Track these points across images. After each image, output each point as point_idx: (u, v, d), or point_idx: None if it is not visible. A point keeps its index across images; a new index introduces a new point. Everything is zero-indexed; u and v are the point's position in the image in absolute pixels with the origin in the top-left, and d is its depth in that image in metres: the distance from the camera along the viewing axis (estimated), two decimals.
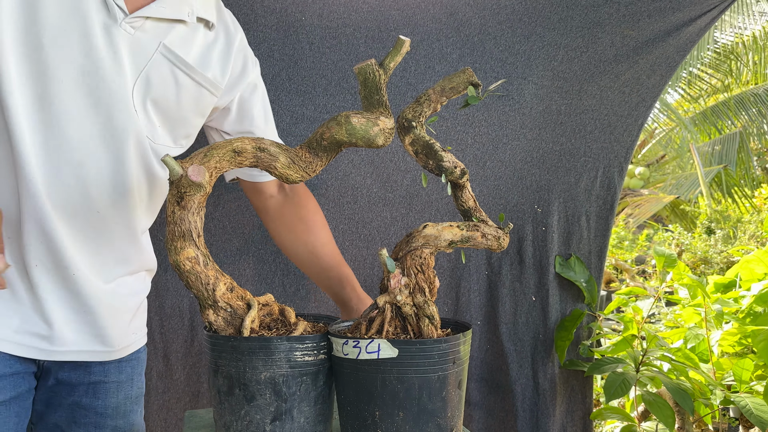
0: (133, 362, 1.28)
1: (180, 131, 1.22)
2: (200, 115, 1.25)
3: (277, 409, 1.00)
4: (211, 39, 1.23)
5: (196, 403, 1.82)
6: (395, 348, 0.97)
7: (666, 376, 1.88)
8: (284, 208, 1.41)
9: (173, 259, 1.00)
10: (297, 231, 1.41)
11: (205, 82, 1.20)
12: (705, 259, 6.92)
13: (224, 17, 1.28)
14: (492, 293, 1.92)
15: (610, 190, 1.95)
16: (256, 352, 0.99)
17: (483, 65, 1.82)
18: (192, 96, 1.19)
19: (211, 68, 1.21)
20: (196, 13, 1.18)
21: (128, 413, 1.27)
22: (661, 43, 1.86)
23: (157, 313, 1.76)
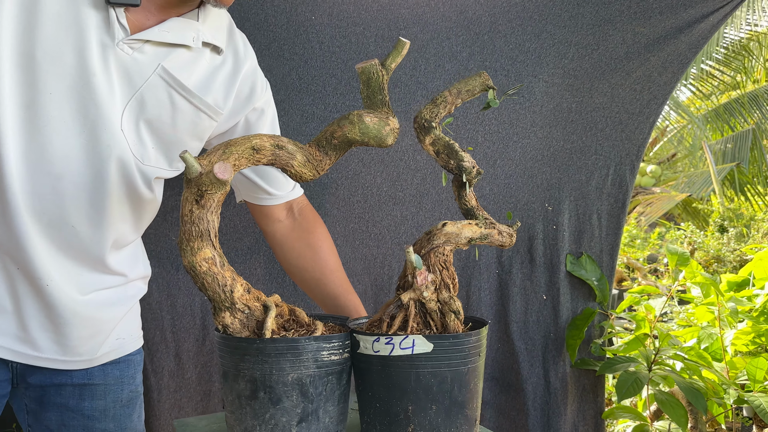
0: (122, 365, 1.27)
1: (176, 154, 1.19)
2: (197, 139, 1.23)
3: (303, 411, 0.99)
4: (218, 63, 1.21)
5: (208, 402, 1.82)
6: (430, 343, 1.00)
7: (679, 375, 1.86)
8: (292, 233, 1.39)
9: (188, 260, 0.98)
10: (305, 257, 1.39)
11: (203, 107, 1.18)
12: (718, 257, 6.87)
13: (235, 42, 1.26)
14: (503, 292, 1.92)
15: (621, 188, 1.94)
16: (284, 353, 0.97)
17: (493, 63, 1.81)
18: (189, 119, 1.17)
19: (213, 93, 1.19)
20: (202, 38, 1.16)
21: (119, 417, 1.26)
22: (673, 40, 1.85)
23: (169, 312, 1.76)
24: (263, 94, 1.31)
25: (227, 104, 1.22)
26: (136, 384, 1.31)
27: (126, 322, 1.27)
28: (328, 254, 1.40)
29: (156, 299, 1.74)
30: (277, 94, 1.74)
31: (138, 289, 1.29)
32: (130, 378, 1.28)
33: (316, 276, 1.39)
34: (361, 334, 1.03)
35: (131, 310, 1.29)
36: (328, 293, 1.39)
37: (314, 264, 1.39)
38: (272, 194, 1.35)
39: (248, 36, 1.69)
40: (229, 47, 1.24)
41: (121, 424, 1.26)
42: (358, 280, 1.86)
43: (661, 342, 1.93)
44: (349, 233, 1.83)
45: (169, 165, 1.20)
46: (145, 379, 1.77)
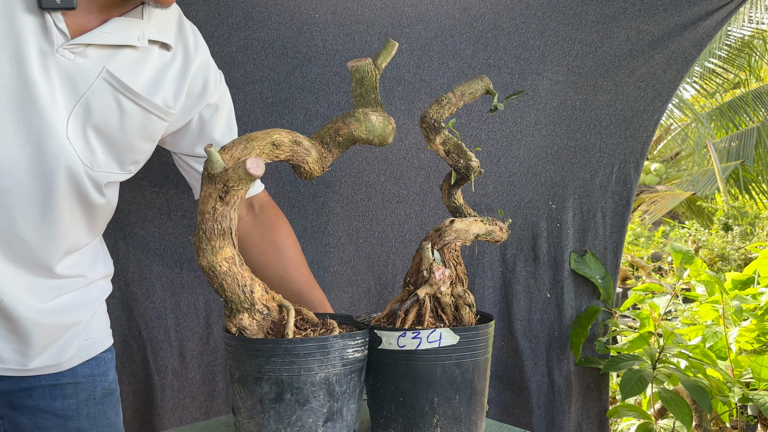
0: (92, 362, 1.25)
1: (127, 157, 1.17)
2: (149, 141, 1.20)
3: (329, 410, 0.98)
4: (167, 60, 1.17)
5: (211, 403, 1.82)
6: (456, 335, 1.04)
7: (683, 374, 1.86)
8: (254, 230, 1.36)
9: (208, 260, 0.94)
10: (268, 254, 1.35)
11: (152, 108, 1.14)
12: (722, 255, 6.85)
13: (185, 36, 1.21)
14: (506, 290, 1.92)
15: (626, 185, 1.93)
16: (313, 353, 0.95)
17: (497, 61, 1.81)
18: (138, 122, 1.14)
19: (162, 93, 1.15)
20: (148, 36, 1.12)
21: (94, 415, 1.25)
22: (677, 38, 1.84)
23: (172, 310, 1.76)
24: (216, 89, 1.27)
25: (178, 102, 1.19)
26: (108, 381, 1.29)
27: (94, 323, 1.25)
28: (291, 250, 1.36)
29: (160, 298, 1.75)
30: (281, 92, 1.74)
31: (102, 289, 1.28)
32: (101, 375, 1.27)
33: (279, 273, 1.34)
34: (385, 330, 1.04)
35: (99, 310, 1.27)
36: (292, 290, 1.34)
37: (277, 260, 1.35)
38: None
39: (252, 34, 1.69)
40: (179, 43, 1.19)
41: (96, 422, 1.25)
42: (362, 278, 1.86)
43: (666, 340, 1.92)
44: (353, 231, 1.83)
45: (121, 168, 1.17)
46: (148, 378, 1.77)
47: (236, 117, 1.71)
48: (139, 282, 1.74)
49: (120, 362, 1.77)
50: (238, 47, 1.69)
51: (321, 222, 1.82)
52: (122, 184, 1.40)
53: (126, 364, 1.78)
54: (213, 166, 0.90)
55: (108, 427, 1.27)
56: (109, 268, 1.31)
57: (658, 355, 1.87)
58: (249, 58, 1.70)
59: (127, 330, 1.77)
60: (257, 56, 1.70)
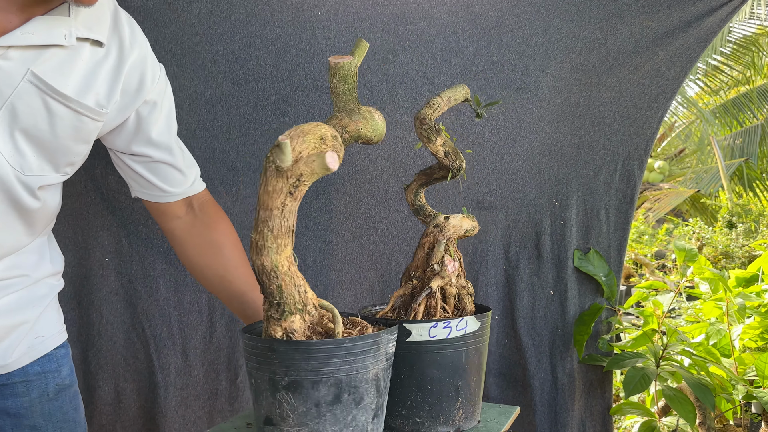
0: (42, 360, 1.24)
1: (61, 160, 1.13)
2: (83, 143, 1.15)
3: (376, 406, 0.98)
4: (99, 57, 1.12)
5: (215, 402, 1.83)
6: (478, 321, 1.14)
7: (687, 371, 1.86)
8: (193, 230, 1.32)
9: (272, 259, 0.90)
10: (207, 254, 1.32)
11: (83, 110, 1.10)
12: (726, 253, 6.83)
13: (120, 31, 1.16)
14: (510, 287, 1.91)
15: (629, 183, 1.93)
16: (368, 349, 0.95)
17: (500, 58, 1.80)
18: (69, 125, 1.09)
19: (94, 92, 1.11)
20: (76, 34, 1.06)
21: (48, 411, 1.24)
22: (682, 34, 1.83)
23: (176, 308, 1.77)
24: (154, 85, 1.22)
25: (112, 101, 1.14)
26: (62, 377, 1.27)
27: (43, 321, 1.24)
28: (231, 250, 1.33)
29: (163, 295, 1.75)
30: (283, 90, 1.74)
31: (50, 287, 1.26)
32: (53, 372, 1.25)
33: (220, 273, 1.32)
34: (415, 323, 1.10)
35: (48, 308, 1.25)
36: (233, 290, 1.32)
37: (217, 260, 1.31)
38: (168, 191, 1.29)
39: (254, 32, 1.69)
40: (113, 38, 1.14)
41: (51, 418, 1.24)
42: (365, 275, 1.86)
43: (669, 338, 1.92)
44: (356, 229, 1.83)
45: (56, 171, 1.14)
46: (151, 375, 1.78)
47: (239, 114, 1.72)
48: (143, 279, 1.74)
49: (123, 359, 1.78)
50: (240, 45, 1.69)
51: (324, 220, 1.82)
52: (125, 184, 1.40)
53: (129, 361, 1.78)
54: (283, 160, 0.85)
55: (65, 422, 1.26)
56: (57, 265, 1.28)
57: (661, 352, 1.87)
58: (251, 55, 1.70)
59: (131, 327, 1.78)
60: (260, 54, 1.70)
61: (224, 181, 1.75)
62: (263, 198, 0.89)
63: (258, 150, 1.73)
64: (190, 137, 1.70)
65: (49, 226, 1.25)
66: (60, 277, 1.32)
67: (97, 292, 1.75)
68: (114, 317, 1.77)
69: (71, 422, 1.28)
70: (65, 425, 1.26)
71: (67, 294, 1.73)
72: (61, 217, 1.71)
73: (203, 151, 1.71)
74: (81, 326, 1.75)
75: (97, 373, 1.76)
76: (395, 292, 1.20)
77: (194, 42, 1.67)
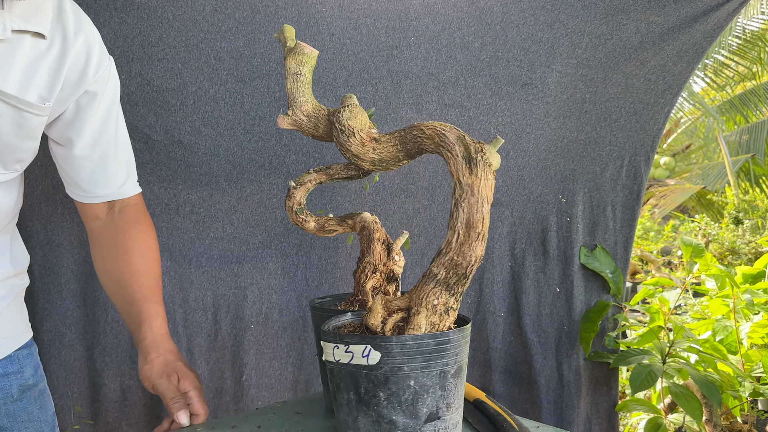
0: (4, 362, 1.21)
1: (8, 157, 1.10)
2: (30, 139, 1.11)
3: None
4: (42, 49, 1.07)
5: (219, 400, 1.82)
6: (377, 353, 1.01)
7: (693, 368, 1.85)
8: (104, 232, 1.27)
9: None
10: (110, 257, 1.26)
11: (25, 106, 1.05)
12: (732, 249, 6.81)
13: (64, 21, 1.11)
14: (515, 284, 1.91)
15: (636, 179, 1.92)
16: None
17: (505, 54, 1.79)
18: (12, 122, 1.05)
19: (35, 86, 1.06)
20: (12, 26, 1.01)
21: (14, 412, 1.22)
22: (688, 29, 1.82)
23: (181, 306, 1.77)
24: (97, 76, 1.16)
25: (53, 94, 1.09)
26: (25, 378, 1.24)
27: (4, 322, 1.21)
28: (136, 257, 1.26)
29: (168, 293, 1.75)
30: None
31: (11, 287, 1.22)
32: (16, 373, 1.23)
33: (116, 278, 1.26)
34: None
35: (9, 308, 1.22)
36: (125, 299, 1.26)
37: (116, 265, 1.26)
38: (89, 192, 1.25)
39: (259, 28, 1.69)
40: (57, 29, 1.09)
41: (16, 419, 1.22)
42: None
43: (676, 334, 1.91)
44: None
45: (5, 168, 1.11)
46: None
47: (244, 111, 1.71)
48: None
49: (129, 357, 1.78)
50: (245, 41, 1.68)
51: None
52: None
53: (135, 359, 1.78)
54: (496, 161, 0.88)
55: (31, 422, 1.24)
56: (19, 265, 1.24)
57: (668, 349, 1.86)
58: (256, 52, 1.70)
59: None
60: (264, 50, 1.70)
61: (229, 179, 1.74)
62: (485, 193, 0.89)
63: (262, 147, 1.73)
64: (194, 134, 1.70)
65: (9, 226, 1.20)
66: (24, 276, 1.27)
67: (102, 290, 1.75)
68: (119, 315, 1.77)
69: (37, 422, 1.25)
70: (31, 425, 1.24)
71: (72, 291, 1.73)
72: (67, 215, 1.71)
73: (207, 148, 1.71)
74: (86, 324, 1.75)
75: (103, 370, 1.76)
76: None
77: (198, 39, 1.66)
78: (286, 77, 0.98)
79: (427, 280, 0.92)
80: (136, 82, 1.65)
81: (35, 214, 1.70)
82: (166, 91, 1.65)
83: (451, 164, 0.89)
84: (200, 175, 1.72)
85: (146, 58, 1.64)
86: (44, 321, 1.72)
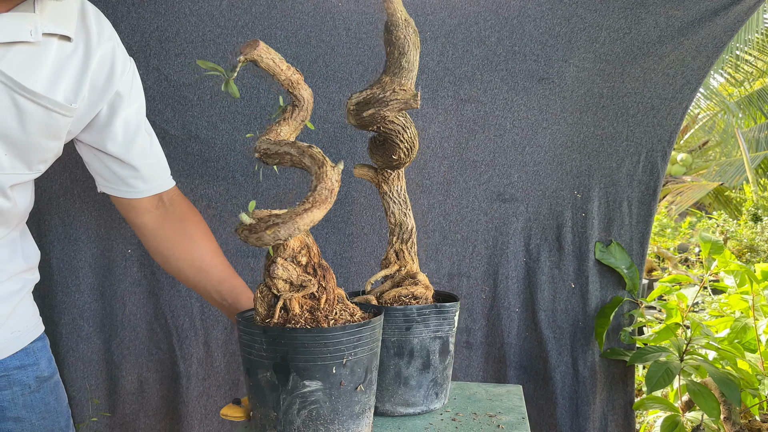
0: (20, 354, 1.24)
1: (34, 157, 1.13)
2: (55, 139, 1.14)
3: None
4: (68, 52, 1.11)
5: (236, 392, 1.84)
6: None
7: (711, 366, 1.83)
8: (165, 223, 1.31)
9: None
10: (181, 246, 1.31)
11: (53, 106, 1.09)
12: (751, 246, 6.73)
13: (88, 25, 1.15)
14: (530, 280, 1.90)
15: (653, 175, 1.90)
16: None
17: (522, 48, 1.78)
18: (40, 122, 1.09)
19: (63, 88, 1.10)
20: (42, 30, 1.05)
21: (31, 403, 1.25)
22: (708, 23, 1.80)
23: (198, 299, 1.78)
24: (123, 77, 1.20)
25: (80, 96, 1.13)
26: (41, 370, 1.28)
27: (17, 316, 1.24)
28: (205, 241, 1.32)
29: (185, 286, 1.76)
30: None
31: (23, 282, 1.25)
32: (32, 365, 1.26)
33: (196, 264, 1.31)
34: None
35: (23, 303, 1.25)
36: (211, 278, 1.31)
37: (191, 252, 1.30)
38: (136, 187, 1.27)
39: (275, 24, 1.69)
40: (80, 33, 1.14)
41: (34, 410, 1.25)
42: None
43: (694, 331, 1.89)
44: (376, 222, 1.83)
45: (29, 169, 1.14)
46: (174, 365, 1.79)
47: (260, 106, 1.72)
48: (165, 271, 1.75)
49: (147, 350, 1.79)
50: (261, 36, 1.69)
51: (344, 212, 1.81)
52: None
53: (153, 351, 1.80)
54: None
55: (48, 413, 1.27)
56: (30, 260, 1.27)
57: (685, 346, 1.84)
58: (272, 47, 1.70)
59: (154, 318, 1.79)
60: (280, 46, 1.70)
61: (245, 174, 1.75)
62: None
63: None
64: (211, 129, 1.70)
65: (21, 224, 1.24)
66: (35, 271, 1.30)
67: (120, 284, 1.77)
68: (137, 308, 1.78)
69: (53, 412, 1.29)
70: (47, 415, 1.27)
71: (90, 285, 1.75)
72: (84, 209, 1.72)
73: (224, 143, 1.72)
74: (104, 317, 1.77)
75: (121, 363, 1.78)
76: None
77: (215, 34, 1.67)
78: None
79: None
80: (153, 77, 1.66)
81: (53, 208, 1.72)
82: (183, 86, 1.66)
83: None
84: (217, 169, 1.73)
85: (163, 53, 1.65)
86: (62, 314, 1.74)
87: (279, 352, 0.93)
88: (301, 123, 1.05)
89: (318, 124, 1.74)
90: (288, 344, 0.93)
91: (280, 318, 0.97)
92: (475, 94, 1.80)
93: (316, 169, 0.90)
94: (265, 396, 0.95)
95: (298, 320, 0.97)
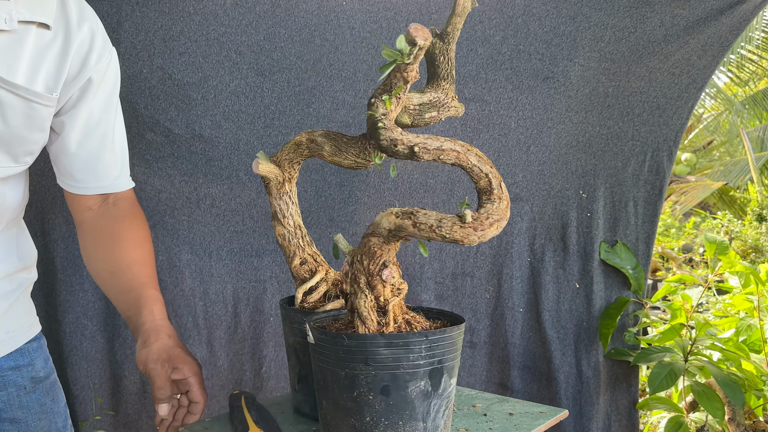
0: (15, 355, 1.22)
1: (19, 150, 1.10)
2: (39, 130, 1.11)
3: None
4: (47, 40, 1.07)
5: None
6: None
7: (716, 366, 1.82)
8: (99, 222, 1.25)
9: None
10: (103, 247, 1.24)
11: (34, 97, 1.05)
12: (756, 247, 6.71)
13: (67, 11, 1.11)
14: (535, 280, 1.90)
15: (658, 174, 1.90)
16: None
17: (527, 47, 1.78)
18: (22, 113, 1.05)
19: (42, 77, 1.06)
20: (18, 17, 1.02)
21: (27, 404, 1.23)
22: (714, 22, 1.79)
23: (201, 299, 1.78)
24: (98, 65, 1.16)
25: (59, 84, 1.10)
26: (36, 370, 1.25)
27: (12, 316, 1.21)
28: (131, 246, 1.24)
29: (189, 286, 1.76)
30: (308, 81, 1.73)
31: (20, 281, 1.23)
32: (27, 366, 1.24)
33: (110, 267, 1.23)
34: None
35: (17, 302, 1.23)
36: (120, 286, 1.23)
37: (110, 254, 1.23)
38: (83, 184, 1.23)
39: (279, 22, 1.68)
40: (60, 20, 1.10)
41: (30, 411, 1.23)
42: None
43: (698, 332, 1.89)
44: None
45: (15, 161, 1.11)
46: None
47: (264, 105, 1.71)
48: (168, 270, 1.75)
49: None
50: (265, 35, 1.68)
51: (348, 211, 1.81)
52: (151, 175, 1.39)
53: None
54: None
55: (44, 414, 1.25)
56: (26, 259, 1.24)
57: (690, 347, 1.84)
58: (276, 46, 1.70)
59: None
60: (284, 44, 1.70)
61: (249, 173, 1.75)
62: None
63: (283, 141, 1.73)
64: (215, 128, 1.70)
65: (16, 220, 1.21)
66: (32, 270, 1.27)
67: None
68: None
69: (50, 413, 1.27)
70: (44, 416, 1.26)
71: (94, 284, 1.75)
72: None
73: (228, 142, 1.72)
74: (108, 316, 1.77)
75: (123, 363, 1.78)
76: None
77: (219, 33, 1.67)
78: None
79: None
80: (157, 76, 1.65)
81: (57, 207, 1.72)
82: (187, 84, 1.66)
83: None
84: (221, 168, 1.73)
85: (167, 51, 1.65)
86: (66, 313, 1.74)
87: (436, 356, 0.91)
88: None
89: (322, 123, 1.73)
90: (444, 346, 0.92)
91: (394, 326, 0.94)
92: (480, 93, 1.79)
93: (488, 169, 0.93)
94: (415, 409, 0.91)
95: (401, 324, 0.95)
